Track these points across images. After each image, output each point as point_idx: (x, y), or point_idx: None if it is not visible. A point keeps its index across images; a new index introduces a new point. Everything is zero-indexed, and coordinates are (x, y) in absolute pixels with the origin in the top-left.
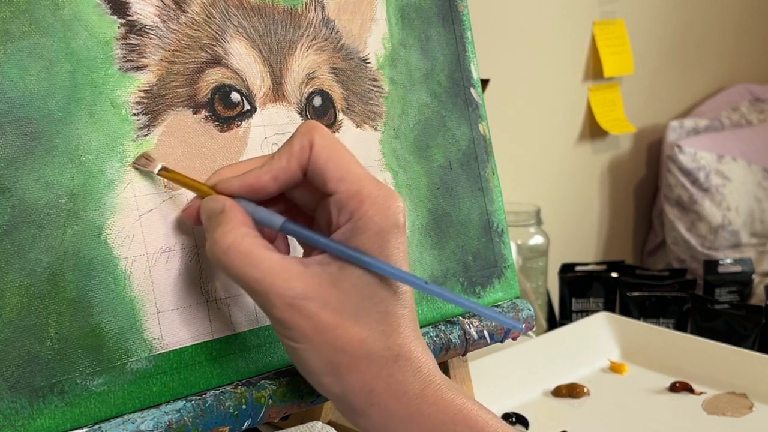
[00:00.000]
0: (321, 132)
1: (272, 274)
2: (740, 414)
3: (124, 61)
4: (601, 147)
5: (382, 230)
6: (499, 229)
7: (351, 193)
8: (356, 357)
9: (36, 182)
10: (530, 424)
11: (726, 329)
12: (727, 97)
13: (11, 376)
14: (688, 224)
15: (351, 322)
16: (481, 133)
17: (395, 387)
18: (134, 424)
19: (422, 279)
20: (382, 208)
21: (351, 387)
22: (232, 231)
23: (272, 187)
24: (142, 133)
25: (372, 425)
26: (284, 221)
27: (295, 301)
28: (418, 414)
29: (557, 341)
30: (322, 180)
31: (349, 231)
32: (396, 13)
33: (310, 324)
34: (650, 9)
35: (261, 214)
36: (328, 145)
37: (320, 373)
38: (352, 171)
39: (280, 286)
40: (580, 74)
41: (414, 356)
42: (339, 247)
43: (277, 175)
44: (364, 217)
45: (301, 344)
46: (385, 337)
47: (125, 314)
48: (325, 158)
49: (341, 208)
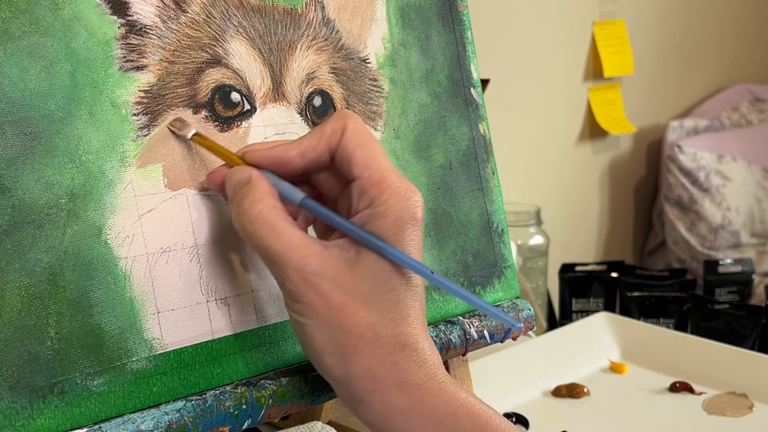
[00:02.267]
0: (355, 120)
1: (292, 248)
2: (740, 414)
3: (124, 61)
4: (601, 147)
5: (399, 219)
6: (499, 229)
7: (374, 180)
8: (363, 339)
9: (36, 182)
10: (530, 424)
11: (726, 329)
12: (727, 97)
13: (11, 376)
14: (688, 224)
15: (362, 305)
16: (481, 133)
17: (399, 375)
18: (134, 424)
19: (428, 268)
20: (402, 198)
21: (354, 370)
22: (260, 201)
23: (298, 163)
24: (142, 133)
25: (373, 414)
26: (304, 197)
27: (310, 276)
28: (421, 405)
29: (557, 341)
30: (348, 164)
31: (366, 216)
32: (396, 13)
33: (322, 301)
34: (650, 9)
35: (283, 187)
36: (360, 132)
37: (325, 352)
38: (379, 160)
39: (299, 261)
40: (580, 74)
41: (420, 348)
42: (353, 227)
43: (305, 152)
44: (383, 204)
45: (310, 320)
46: (394, 325)
47: (125, 314)
48: (354, 144)
49: (362, 194)
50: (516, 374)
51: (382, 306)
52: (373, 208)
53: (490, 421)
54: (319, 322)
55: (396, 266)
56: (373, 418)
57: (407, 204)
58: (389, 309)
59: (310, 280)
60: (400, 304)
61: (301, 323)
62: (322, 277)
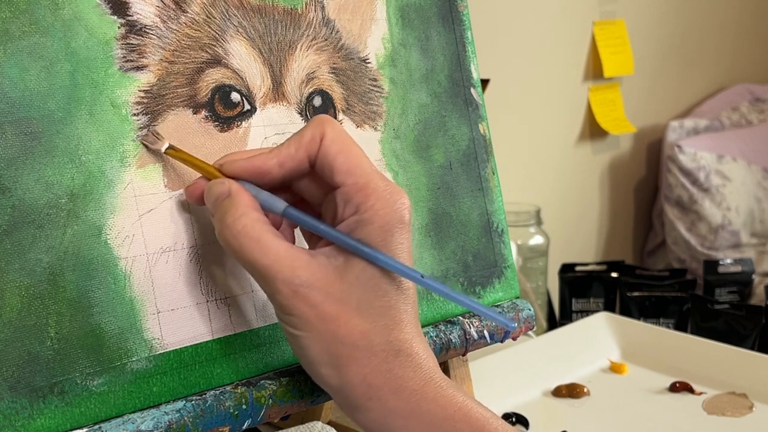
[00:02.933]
0: (333, 125)
1: (280, 261)
2: (740, 414)
3: (124, 61)
4: (601, 147)
5: (386, 224)
6: (499, 229)
7: (358, 186)
8: (357, 348)
9: (36, 182)
10: (530, 424)
11: (726, 329)
12: (727, 97)
13: (11, 376)
14: (688, 224)
15: (353, 314)
16: (481, 133)
17: (395, 382)
18: (134, 424)
19: (419, 272)
20: (388, 202)
21: (349, 379)
22: (243, 216)
23: (277, 173)
24: (142, 133)
25: (371, 420)
26: (287, 206)
27: (300, 288)
28: (418, 410)
29: (557, 341)
30: (330, 171)
31: (353, 223)
32: (396, 13)
33: (313, 312)
34: (650, 9)
35: (264, 197)
36: (339, 138)
37: (320, 363)
38: (361, 165)
39: (287, 274)
40: (580, 74)
41: (415, 353)
42: (339, 235)
43: (284, 161)
44: (369, 210)
45: (303, 332)
46: (387, 332)
47: (125, 314)
48: (335, 151)
49: (347, 201)
50: (516, 374)
51: (373, 313)
52: (360, 214)
53: (488, 425)
54: (313, 333)
55: (386, 271)
56: (372, 425)
57: (394, 207)
58: (381, 315)
59: (300, 293)
60: (392, 310)
61: (295, 335)
62: (312, 289)
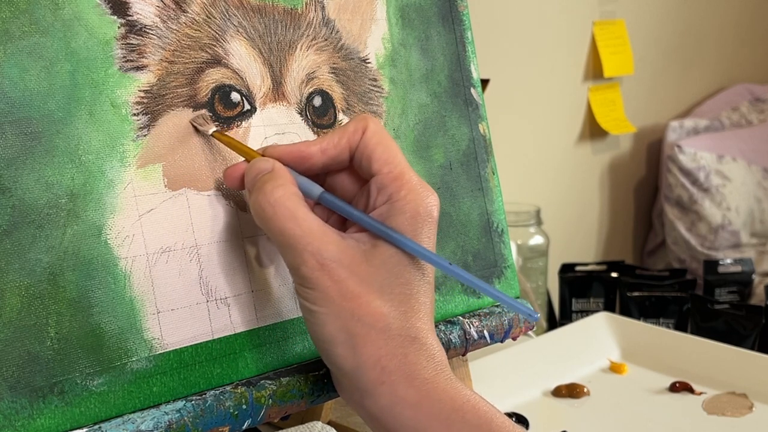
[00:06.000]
0: (375, 121)
1: (311, 233)
2: (740, 414)
3: (124, 61)
4: (601, 147)
5: (417, 215)
6: (499, 229)
7: (394, 175)
8: (374, 329)
9: (36, 182)
10: (530, 424)
11: (726, 329)
12: (727, 97)
13: (11, 376)
14: (688, 224)
15: (375, 296)
16: (481, 133)
17: (408, 368)
18: (134, 424)
19: (446, 260)
20: (419, 195)
21: (364, 360)
22: (282, 186)
23: (319, 159)
24: (142, 133)
25: (379, 407)
26: (323, 191)
27: (326, 262)
28: (428, 399)
29: (557, 341)
30: (368, 161)
31: (385, 211)
32: (396, 13)
33: (336, 288)
34: (650, 9)
35: (301, 181)
36: (380, 132)
37: (336, 341)
38: (398, 158)
39: (317, 246)
40: (580, 74)
41: (429, 343)
42: (371, 220)
43: (326, 148)
44: (402, 200)
45: (323, 308)
46: (405, 318)
47: (125, 314)
48: (375, 142)
49: (381, 189)
50: (516, 374)
51: (394, 298)
52: (392, 203)
53: (495, 419)
54: (332, 309)
55: (411, 260)
56: (379, 411)
57: (425, 202)
58: (401, 302)
59: (326, 266)
60: (412, 298)
61: (313, 311)
62: (338, 264)
